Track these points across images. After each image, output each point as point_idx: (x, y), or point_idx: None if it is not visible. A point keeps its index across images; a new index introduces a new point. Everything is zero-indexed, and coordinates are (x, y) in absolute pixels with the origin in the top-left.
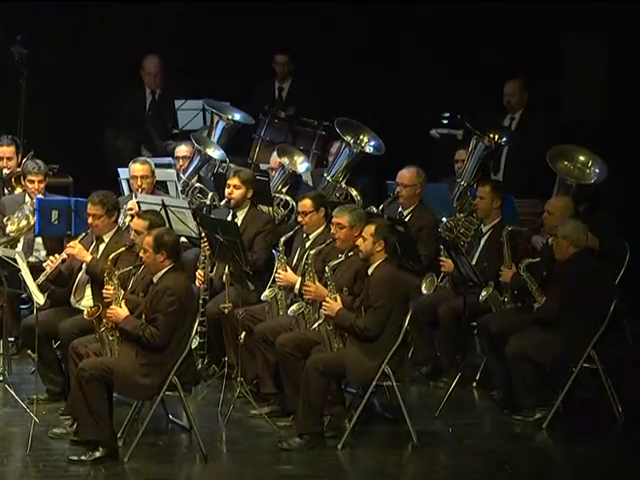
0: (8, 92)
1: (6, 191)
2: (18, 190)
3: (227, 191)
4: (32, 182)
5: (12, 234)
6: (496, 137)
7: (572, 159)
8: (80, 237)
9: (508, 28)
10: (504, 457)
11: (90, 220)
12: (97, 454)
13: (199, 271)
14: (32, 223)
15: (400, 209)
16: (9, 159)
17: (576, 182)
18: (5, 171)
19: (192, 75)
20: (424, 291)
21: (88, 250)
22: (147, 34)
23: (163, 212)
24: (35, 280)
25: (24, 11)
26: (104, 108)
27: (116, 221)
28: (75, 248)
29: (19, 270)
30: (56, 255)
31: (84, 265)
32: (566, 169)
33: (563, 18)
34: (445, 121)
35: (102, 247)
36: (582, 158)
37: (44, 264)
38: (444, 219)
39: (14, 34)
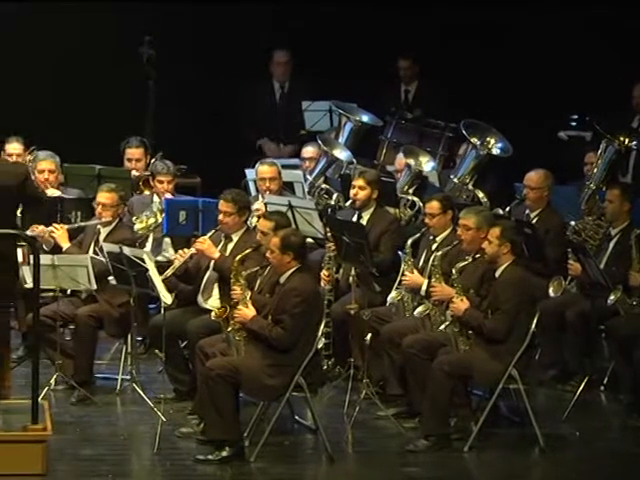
0: (137, 93)
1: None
2: (146, 193)
3: (352, 192)
4: (161, 182)
5: (140, 232)
6: (626, 140)
7: None
8: (210, 234)
9: (637, 29)
10: (633, 461)
11: (221, 217)
12: (224, 454)
13: (324, 272)
14: (160, 221)
15: (527, 211)
16: (138, 161)
17: None
18: (134, 172)
19: (319, 76)
20: (552, 294)
21: (216, 248)
22: (272, 33)
23: (290, 213)
24: (162, 273)
25: (151, 12)
26: (232, 107)
27: (246, 221)
28: (205, 244)
29: (147, 270)
30: (185, 250)
31: (212, 263)
32: None
33: None
34: (573, 123)
35: (230, 246)
36: None
37: (172, 258)
38: (572, 222)
39: (142, 35)
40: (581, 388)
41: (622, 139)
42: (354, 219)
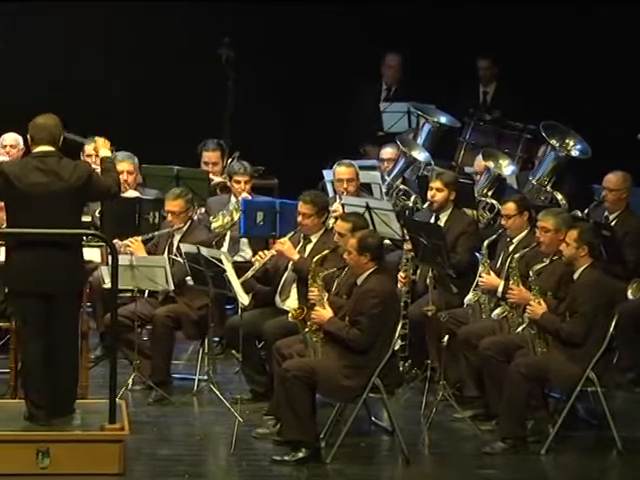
0: (215, 94)
1: None
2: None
3: (429, 194)
4: (238, 182)
5: (217, 230)
6: None
7: None
8: (289, 235)
9: None
10: None
11: (300, 219)
12: (300, 455)
13: (401, 273)
14: (236, 220)
15: (606, 213)
16: (214, 164)
17: None
18: (211, 176)
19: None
20: (630, 296)
21: (295, 249)
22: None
23: (367, 214)
24: (243, 275)
25: (231, 13)
26: (311, 109)
27: (325, 222)
28: (285, 245)
29: (224, 270)
30: (265, 251)
31: (290, 264)
32: None
33: None
34: None
35: (309, 247)
36: None
37: (253, 259)
38: None
39: (222, 36)
40: None
41: None
42: (431, 221)
